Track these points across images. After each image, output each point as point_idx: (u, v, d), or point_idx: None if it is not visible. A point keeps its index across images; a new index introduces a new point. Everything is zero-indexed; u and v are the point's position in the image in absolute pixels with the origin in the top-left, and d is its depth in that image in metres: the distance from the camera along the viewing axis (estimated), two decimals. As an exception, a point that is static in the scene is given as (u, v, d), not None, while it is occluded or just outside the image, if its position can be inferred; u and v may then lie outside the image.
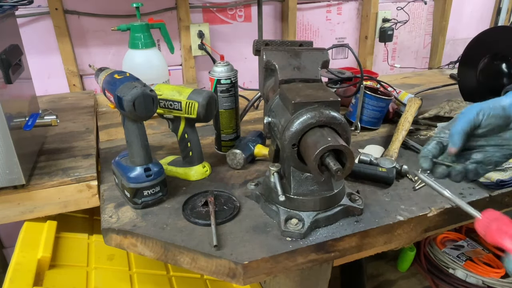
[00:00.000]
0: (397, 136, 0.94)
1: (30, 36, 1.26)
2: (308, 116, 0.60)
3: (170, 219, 0.69)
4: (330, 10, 1.64)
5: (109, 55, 1.38)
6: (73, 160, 0.86)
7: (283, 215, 0.65)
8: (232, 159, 0.86)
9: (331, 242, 0.64)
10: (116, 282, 0.76)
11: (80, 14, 1.30)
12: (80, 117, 1.11)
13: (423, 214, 0.70)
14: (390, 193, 0.76)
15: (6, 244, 1.43)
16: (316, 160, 0.55)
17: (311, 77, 0.74)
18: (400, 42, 1.82)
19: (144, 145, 0.70)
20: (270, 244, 0.62)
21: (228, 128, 0.91)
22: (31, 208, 0.78)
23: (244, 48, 1.56)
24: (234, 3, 1.47)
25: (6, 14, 0.80)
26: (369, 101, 1.03)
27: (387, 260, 1.54)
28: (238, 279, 0.60)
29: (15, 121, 0.74)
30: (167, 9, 1.39)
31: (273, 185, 0.67)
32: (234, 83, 0.88)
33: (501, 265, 1.32)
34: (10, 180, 0.73)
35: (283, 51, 0.76)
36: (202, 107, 0.76)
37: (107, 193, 0.77)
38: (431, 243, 1.45)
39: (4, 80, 0.72)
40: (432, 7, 1.80)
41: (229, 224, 0.67)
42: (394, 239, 0.70)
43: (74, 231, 0.87)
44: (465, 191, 0.77)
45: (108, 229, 0.67)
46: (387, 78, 1.53)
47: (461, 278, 1.32)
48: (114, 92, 0.66)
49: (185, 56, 1.45)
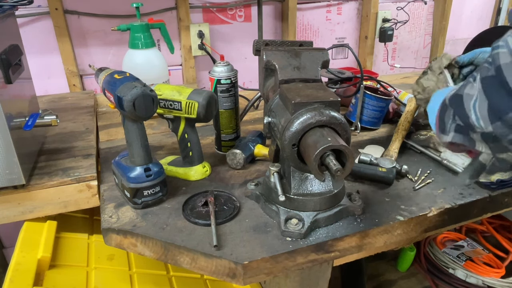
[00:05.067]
0: (397, 136, 0.94)
1: (30, 36, 1.26)
2: (308, 116, 0.60)
3: (170, 219, 0.69)
4: (330, 10, 1.64)
5: (109, 55, 1.38)
6: (73, 160, 0.86)
7: (283, 215, 0.65)
8: (232, 159, 0.86)
9: (331, 242, 0.64)
10: (116, 282, 0.77)
11: (80, 14, 1.30)
12: (80, 117, 1.11)
13: (423, 214, 0.70)
14: (390, 193, 0.76)
15: (6, 244, 1.43)
16: (316, 160, 0.55)
17: (311, 77, 0.74)
18: (400, 42, 1.82)
19: (144, 145, 0.70)
20: (270, 244, 0.62)
21: (228, 128, 0.92)
22: (31, 208, 0.78)
23: (244, 48, 1.56)
24: (234, 3, 1.47)
25: (6, 14, 0.80)
26: (369, 101, 1.03)
27: (387, 260, 1.54)
28: (238, 279, 0.60)
29: (15, 121, 0.74)
30: (167, 9, 1.40)
31: (273, 185, 0.67)
32: (234, 83, 0.88)
33: (501, 265, 1.32)
34: (10, 180, 0.73)
35: (283, 51, 0.76)
36: (202, 107, 0.76)
37: (107, 193, 0.77)
38: (431, 243, 1.45)
39: (4, 80, 0.72)
40: (432, 7, 1.80)
41: (229, 224, 0.67)
42: (394, 239, 0.70)
43: (74, 231, 0.87)
44: (465, 191, 0.77)
45: (108, 229, 0.67)
46: (387, 78, 1.53)
47: (461, 278, 1.32)
48: (114, 92, 0.66)
49: (185, 56, 1.45)
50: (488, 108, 0.51)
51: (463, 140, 0.57)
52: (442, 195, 0.76)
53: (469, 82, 0.55)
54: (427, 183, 0.79)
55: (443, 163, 0.86)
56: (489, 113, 0.51)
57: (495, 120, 0.50)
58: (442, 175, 0.83)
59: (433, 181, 0.80)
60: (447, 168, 0.85)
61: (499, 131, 0.50)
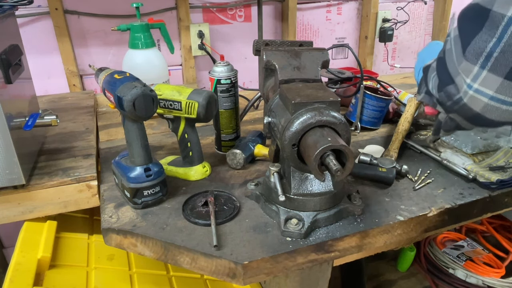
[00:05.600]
0: (397, 136, 0.94)
1: (30, 36, 1.26)
2: (308, 116, 0.60)
3: (170, 219, 0.69)
4: (330, 10, 1.64)
5: (109, 55, 1.38)
6: (73, 160, 0.86)
7: (283, 215, 0.65)
8: (232, 159, 0.86)
9: (331, 242, 0.64)
10: (116, 282, 0.77)
11: (80, 14, 1.30)
12: (80, 117, 1.11)
13: (423, 214, 0.70)
14: (390, 193, 0.76)
15: (6, 244, 1.43)
16: (316, 160, 0.55)
17: (311, 77, 0.74)
18: (400, 42, 1.82)
19: (144, 145, 0.70)
20: (270, 244, 0.62)
21: (228, 128, 0.92)
22: (31, 208, 0.78)
23: (244, 48, 1.56)
24: (234, 3, 1.47)
25: (6, 14, 0.80)
26: (369, 101, 1.03)
27: (387, 260, 1.54)
28: (238, 279, 0.60)
29: (15, 121, 0.74)
30: (167, 9, 1.39)
31: (273, 185, 0.67)
32: (234, 83, 0.88)
33: (501, 265, 1.32)
34: (10, 180, 0.73)
35: (283, 51, 0.76)
36: (202, 107, 0.76)
37: (107, 193, 0.77)
38: (431, 243, 1.45)
39: (4, 80, 0.72)
40: (432, 7, 1.80)
41: (229, 224, 0.67)
42: (394, 239, 0.70)
43: (74, 231, 0.87)
44: (465, 191, 0.77)
45: (108, 229, 0.67)
46: (387, 78, 1.53)
47: (461, 278, 1.32)
48: (114, 92, 0.66)
49: (185, 56, 1.45)
50: (438, 81, 0.68)
51: (428, 101, 0.74)
52: (442, 195, 0.76)
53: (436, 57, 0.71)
54: (427, 183, 0.79)
55: (443, 163, 0.86)
56: (438, 85, 0.69)
57: (440, 90, 0.68)
58: (442, 175, 0.83)
59: (433, 181, 0.80)
60: (447, 168, 0.85)
61: (442, 99, 0.68)
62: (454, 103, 0.64)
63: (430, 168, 0.85)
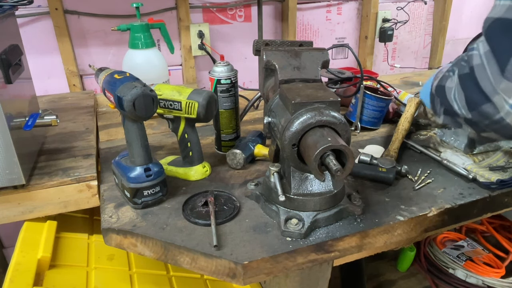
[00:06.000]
0: (397, 136, 0.94)
1: (30, 36, 1.26)
2: (308, 116, 0.60)
3: (170, 219, 0.69)
4: (330, 10, 1.64)
5: (109, 55, 1.38)
6: (73, 160, 0.86)
7: (283, 215, 0.65)
8: (232, 159, 0.86)
9: (331, 242, 0.64)
10: (116, 282, 0.77)
11: (80, 14, 1.30)
12: (80, 117, 1.11)
13: (423, 214, 0.70)
14: (390, 193, 0.76)
15: (6, 244, 1.43)
16: (316, 160, 0.55)
17: (311, 77, 0.74)
18: (400, 42, 1.82)
19: (144, 145, 0.70)
20: (270, 244, 0.62)
21: (228, 128, 0.92)
22: (31, 208, 0.78)
23: (244, 48, 1.56)
24: (234, 3, 1.48)
25: (6, 14, 0.80)
26: (369, 101, 1.03)
27: (387, 260, 1.54)
28: (238, 279, 0.60)
29: (15, 121, 0.74)
30: (167, 9, 1.40)
31: (273, 185, 0.67)
32: (234, 83, 0.88)
33: (501, 265, 1.32)
34: (10, 180, 0.73)
35: (283, 51, 0.76)
36: (202, 107, 0.76)
37: (107, 193, 0.77)
38: (431, 243, 1.45)
39: (4, 80, 0.72)
40: (432, 7, 1.80)
41: (229, 224, 0.67)
42: (394, 239, 0.70)
43: (74, 231, 0.87)
44: (465, 191, 0.77)
45: (108, 229, 0.67)
46: (387, 78, 1.53)
47: (461, 278, 1.32)
48: (114, 92, 0.66)
49: (185, 56, 1.45)
50: (465, 99, 0.64)
51: (451, 122, 0.72)
52: (442, 195, 0.76)
53: (449, 76, 0.68)
54: (427, 183, 0.79)
55: (443, 163, 0.86)
56: (467, 104, 0.64)
57: (472, 110, 0.64)
58: (442, 175, 0.83)
59: (433, 181, 0.80)
60: (447, 168, 0.85)
61: (476, 118, 0.64)
62: (494, 123, 0.62)
63: (430, 168, 0.85)
